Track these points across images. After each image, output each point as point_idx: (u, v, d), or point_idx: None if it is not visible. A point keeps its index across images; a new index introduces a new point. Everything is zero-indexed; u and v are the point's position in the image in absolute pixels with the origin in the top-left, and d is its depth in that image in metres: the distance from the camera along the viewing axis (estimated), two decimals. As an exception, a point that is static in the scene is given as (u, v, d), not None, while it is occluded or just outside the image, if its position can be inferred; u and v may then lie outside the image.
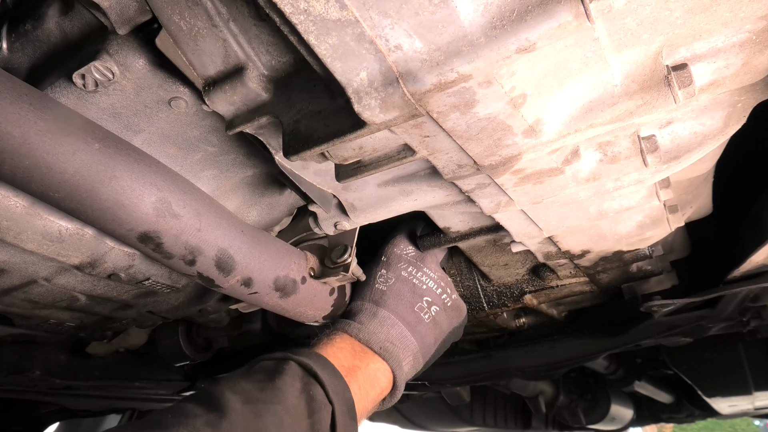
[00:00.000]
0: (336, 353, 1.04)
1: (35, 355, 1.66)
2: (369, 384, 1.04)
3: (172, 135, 0.93)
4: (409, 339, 1.10)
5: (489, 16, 0.60)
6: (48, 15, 0.83)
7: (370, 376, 1.05)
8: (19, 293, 1.14)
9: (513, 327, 1.68)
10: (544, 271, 1.43)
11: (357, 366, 1.04)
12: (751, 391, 2.67)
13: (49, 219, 0.94)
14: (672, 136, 0.95)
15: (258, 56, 0.75)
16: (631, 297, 1.50)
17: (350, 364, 1.03)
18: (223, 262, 0.95)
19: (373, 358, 1.08)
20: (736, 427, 12.23)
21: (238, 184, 1.08)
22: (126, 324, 1.47)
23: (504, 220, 1.10)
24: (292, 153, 0.76)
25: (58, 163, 0.74)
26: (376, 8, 0.59)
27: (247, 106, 0.79)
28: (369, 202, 1.06)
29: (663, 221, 1.19)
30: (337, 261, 1.14)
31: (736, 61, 0.77)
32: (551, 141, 0.81)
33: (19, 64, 0.86)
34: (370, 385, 1.04)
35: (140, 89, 0.83)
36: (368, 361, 1.07)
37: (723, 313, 1.56)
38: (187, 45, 0.74)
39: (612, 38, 0.70)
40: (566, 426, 3.49)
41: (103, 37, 0.79)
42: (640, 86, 0.76)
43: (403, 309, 1.11)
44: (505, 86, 0.68)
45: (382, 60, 0.63)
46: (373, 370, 1.07)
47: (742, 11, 0.68)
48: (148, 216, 0.83)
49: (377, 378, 1.07)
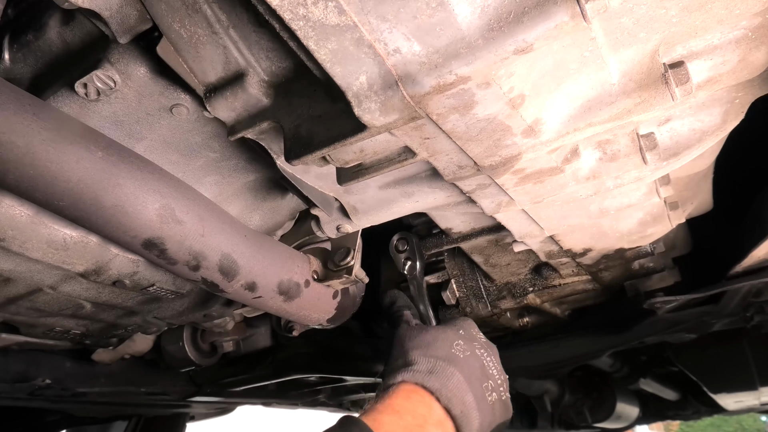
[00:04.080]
0: (388, 420, 0.96)
1: (41, 363, 1.66)
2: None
3: (174, 142, 0.93)
4: (475, 411, 1.03)
5: (486, 18, 0.60)
6: (49, 25, 0.83)
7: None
8: (25, 302, 1.14)
9: (516, 326, 1.69)
10: (547, 270, 1.43)
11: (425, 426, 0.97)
12: (756, 387, 2.67)
13: (54, 227, 0.95)
14: (671, 134, 0.95)
15: (258, 62, 0.75)
16: (634, 294, 1.50)
17: (420, 421, 0.96)
18: (226, 267, 0.96)
19: (446, 422, 1.00)
20: (743, 423, 12.19)
21: (240, 189, 1.09)
22: (131, 330, 1.47)
23: (505, 220, 1.10)
24: (293, 157, 0.77)
25: (62, 172, 0.74)
26: (374, 13, 0.60)
27: (248, 111, 0.80)
28: (371, 204, 1.06)
29: (664, 218, 1.19)
30: (340, 264, 1.15)
31: (732, 58, 0.77)
32: (551, 140, 0.81)
33: (22, 74, 0.87)
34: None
35: (142, 97, 0.84)
36: (442, 425, 0.99)
37: (726, 309, 1.56)
38: (187, 52, 0.75)
39: (609, 38, 0.70)
40: (572, 425, 3.48)
41: (105, 46, 0.80)
42: (637, 84, 0.76)
43: (474, 380, 1.06)
44: (503, 87, 0.69)
45: (381, 63, 0.63)
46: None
47: (738, 8, 0.69)
48: (151, 222, 0.84)
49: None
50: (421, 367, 1.04)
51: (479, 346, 1.14)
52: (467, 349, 1.10)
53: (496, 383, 1.11)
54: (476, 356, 1.11)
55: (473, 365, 1.08)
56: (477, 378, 1.07)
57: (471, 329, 1.18)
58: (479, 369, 1.09)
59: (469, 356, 1.09)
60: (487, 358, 1.13)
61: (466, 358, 1.09)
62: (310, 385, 2.29)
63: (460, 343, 1.11)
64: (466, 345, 1.12)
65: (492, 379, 1.10)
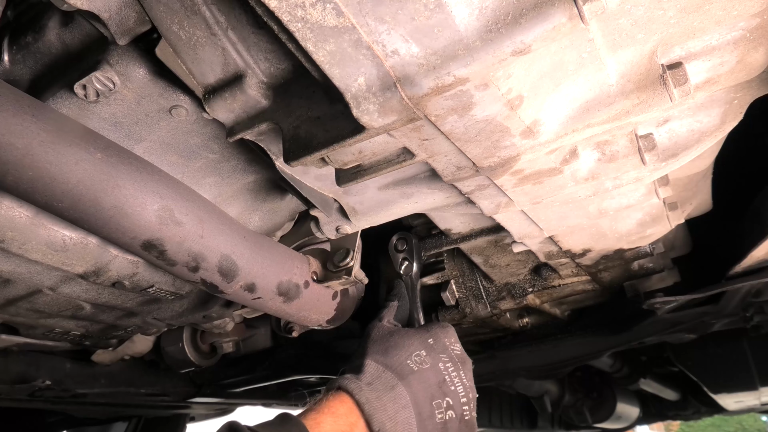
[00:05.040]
0: (326, 420, 0.95)
1: (41, 364, 1.67)
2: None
3: (173, 143, 0.94)
4: (412, 428, 0.99)
5: (484, 19, 0.60)
6: (49, 27, 0.84)
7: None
8: (25, 303, 1.14)
9: (516, 327, 1.69)
10: (546, 271, 1.43)
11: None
12: (756, 387, 2.67)
13: (53, 229, 0.95)
14: (669, 134, 0.95)
15: (257, 64, 0.76)
16: (634, 295, 1.50)
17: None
18: (226, 268, 0.96)
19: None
20: (743, 423, 12.18)
21: (240, 190, 1.09)
22: (131, 331, 1.47)
23: (504, 220, 1.10)
24: (292, 158, 0.77)
25: (62, 174, 0.74)
26: (372, 14, 0.60)
27: (247, 113, 0.80)
28: (370, 205, 1.06)
29: (663, 218, 1.19)
30: (340, 265, 1.15)
31: (730, 59, 0.77)
32: (549, 141, 0.82)
33: (21, 75, 0.87)
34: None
35: (141, 98, 0.84)
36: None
37: (726, 309, 1.56)
38: (186, 54, 0.75)
39: (607, 39, 0.70)
40: (572, 425, 3.49)
41: (104, 48, 0.80)
42: (636, 85, 0.76)
43: (423, 396, 1.02)
44: (501, 88, 0.69)
45: (380, 65, 0.63)
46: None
47: (735, 9, 0.69)
48: (151, 224, 0.84)
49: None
50: (364, 377, 1.02)
51: (446, 359, 1.08)
52: (427, 361, 1.06)
53: (457, 401, 1.05)
54: (436, 370, 1.05)
55: (429, 380, 1.04)
56: (428, 394, 1.02)
57: (444, 339, 1.12)
58: (435, 385, 1.04)
59: (426, 369, 1.05)
60: (452, 374, 1.07)
61: (422, 371, 1.04)
62: (309, 385, 2.29)
63: (421, 354, 1.07)
64: (429, 356, 1.07)
65: (452, 396, 1.05)
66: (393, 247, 1.35)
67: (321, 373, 2.06)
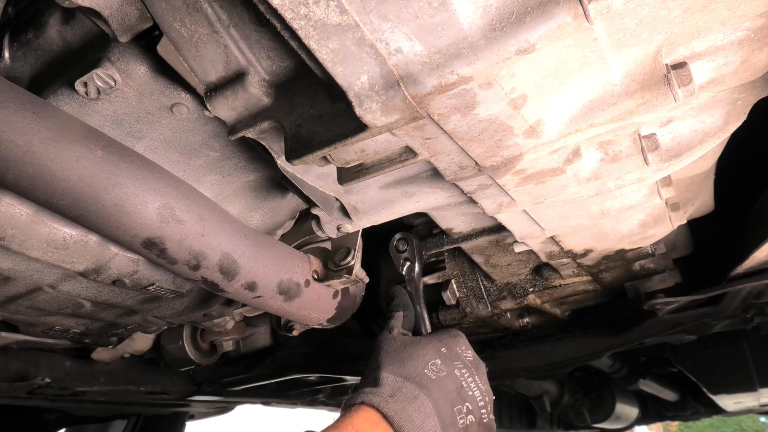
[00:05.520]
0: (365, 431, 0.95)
1: (40, 362, 1.66)
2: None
3: (174, 141, 0.93)
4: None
5: (488, 18, 0.60)
6: (50, 24, 0.83)
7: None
8: (25, 300, 1.14)
9: (517, 327, 1.69)
10: (547, 271, 1.43)
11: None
12: (756, 388, 2.67)
13: (54, 226, 0.95)
14: (673, 135, 0.95)
15: (259, 61, 0.75)
16: (635, 295, 1.50)
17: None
18: (226, 267, 0.96)
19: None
20: (742, 424, 12.18)
21: (241, 188, 1.08)
22: (131, 330, 1.47)
23: (506, 220, 1.10)
24: (294, 157, 0.77)
25: (62, 171, 0.74)
26: (376, 12, 0.60)
27: (248, 111, 0.79)
28: (371, 204, 1.06)
29: (665, 219, 1.19)
30: (341, 264, 1.14)
31: (735, 59, 0.77)
32: (552, 141, 0.81)
33: (22, 72, 0.87)
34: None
35: (142, 96, 0.84)
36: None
37: (726, 311, 1.56)
38: (188, 51, 0.75)
39: (611, 38, 0.70)
40: (571, 425, 3.49)
41: (105, 45, 0.80)
42: (639, 85, 0.76)
43: (444, 404, 1.03)
44: (505, 87, 0.68)
45: (383, 63, 0.63)
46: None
47: (740, 9, 0.69)
48: (151, 222, 0.84)
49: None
50: (385, 390, 1.02)
51: (461, 366, 1.10)
52: (444, 369, 1.07)
53: (476, 405, 1.07)
54: (453, 377, 1.07)
55: (447, 387, 1.05)
56: (449, 401, 1.04)
57: (456, 346, 1.14)
58: (454, 391, 1.06)
59: (444, 377, 1.06)
60: (468, 379, 1.09)
61: (440, 379, 1.06)
62: (309, 384, 2.29)
63: (437, 363, 1.08)
64: (444, 364, 1.08)
65: (470, 401, 1.06)
66: (394, 247, 1.35)
67: (321, 372, 2.06)
